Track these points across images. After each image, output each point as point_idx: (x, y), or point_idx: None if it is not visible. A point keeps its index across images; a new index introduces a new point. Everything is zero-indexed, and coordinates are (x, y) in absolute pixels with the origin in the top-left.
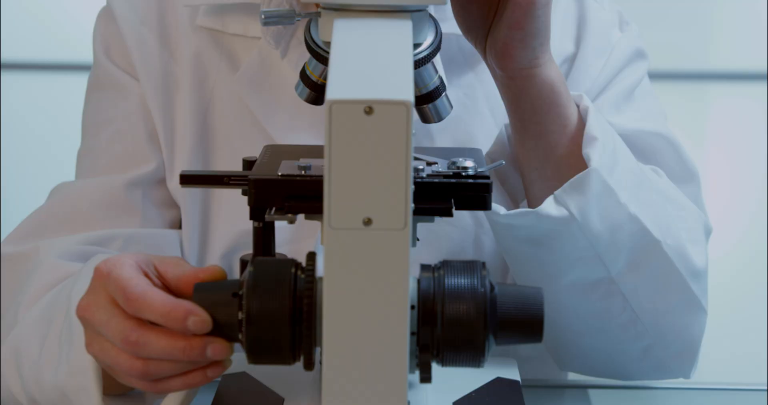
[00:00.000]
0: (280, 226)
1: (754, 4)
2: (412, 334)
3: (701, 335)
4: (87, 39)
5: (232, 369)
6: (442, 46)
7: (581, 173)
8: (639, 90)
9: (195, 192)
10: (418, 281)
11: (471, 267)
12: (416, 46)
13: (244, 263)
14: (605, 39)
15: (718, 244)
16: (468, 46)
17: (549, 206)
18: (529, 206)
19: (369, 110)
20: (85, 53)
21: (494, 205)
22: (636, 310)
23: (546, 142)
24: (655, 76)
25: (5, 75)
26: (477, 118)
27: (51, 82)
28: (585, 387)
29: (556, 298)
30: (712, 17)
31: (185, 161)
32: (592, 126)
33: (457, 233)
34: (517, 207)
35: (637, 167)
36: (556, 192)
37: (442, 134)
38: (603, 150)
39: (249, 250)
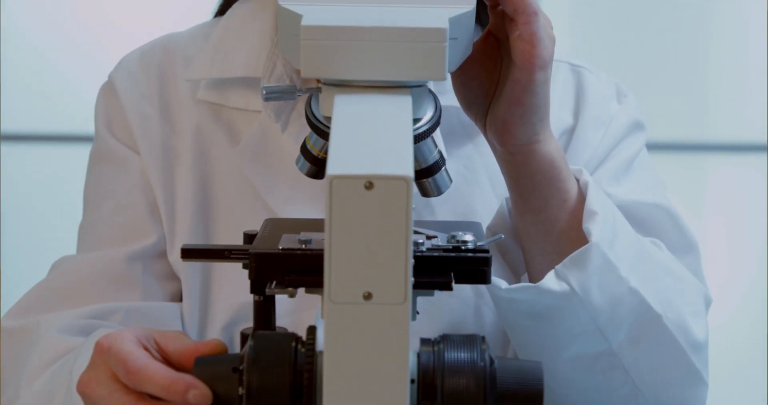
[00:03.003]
0: (281, 298)
1: (752, 75)
2: None
3: None
4: (87, 110)
5: None
6: (442, 118)
7: (582, 248)
8: (638, 161)
9: (195, 265)
10: (418, 355)
11: (471, 341)
12: (416, 120)
13: (244, 337)
14: (603, 111)
15: (717, 315)
16: (467, 118)
17: (550, 281)
18: (530, 279)
19: (369, 185)
20: (85, 125)
21: (496, 279)
22: (637, 383)
23: (546, 217)
24: (654, 146)
25: (5, 146)
26: (477, 189)
27: (51, 154)
28: None
29: (558, 371)
30: (710, 88)
31: (186, 234)
32: (592, 200)
33: (457, 304)
34: (518, 280)
35: (636, 240)
36: (557, 267)
37: (442, 206)
38: (603, 224)
39: (249, 323)
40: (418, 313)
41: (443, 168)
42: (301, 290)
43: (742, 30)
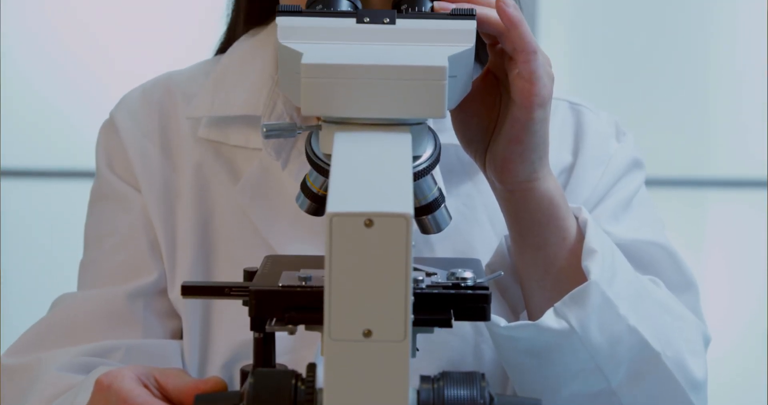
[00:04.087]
0: (281, 336)
1: (752, 110)
2: None
3: None
4: (86, 146)
5: None
6: (442, 155)
7: (581, 286)
8: (636, 199)
9: (196, 302)
10: (418, 392)
11: (470, 378)
12: (416, 158)
13: (244, 374)
14: (602, 149)
15: (716, 352)
16: (467, 156)
17: (549, 319)
18: (529, 317)
19: (369, 223)
20: (84, 160)
21: (494, 317)
22: None
23: (545, 254)
24: (653, 182)
25: (5, 182)
26: (476, 227)
27: (51, 190)
28: None
29: None
30: (710, 123)
31: (186, 271)
32: (591, 238)
33: (456, 342)
34: (517, 318)
35: (635, 278)
36: (556, 304)
37: (441, 243)
38: (602, 262)
39: (249, 360)
40: (417, 350)
41: (443, 205)
42: (301, 327)
43: (741, 65)
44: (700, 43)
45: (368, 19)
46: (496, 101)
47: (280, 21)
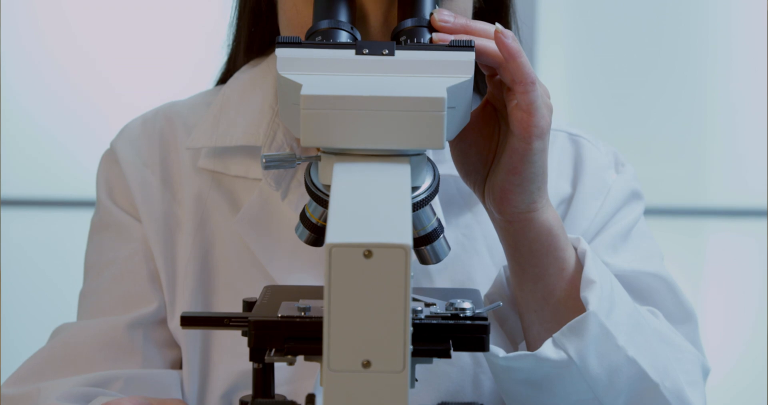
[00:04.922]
0: (280, 366)
1: (751, 139)
2: None
3: None
4: (86, 175)
5: None
6: (441, 186)
7: (580, 317)
8: (635, 230)
9: (195, 332)
10: None
11: None
12: (415, 189)
13: None
14: (601, 180)
15: (714, 382)
16: (466, 187)
17: (548, 349)
18: (528, 348)
19: (368, 254)
20: (85, 190)
21: (493, 348)
22: None
23: (544, 285)
24: (651, 212)
25: (5, 211)
26: (475, 257)
27: (51, 219)
28: None
29: None
30: (709, 153)
31: (186, 301)
32: (590, 269)
33: (455, 372)
34: (516, 348)
35: (634, 309)
36: (554, 335)
37: (440, 274)
38: (601, 293)
39: (248, 390)
40: (416, 380)
41: (442, 236)
42: (300, 358)
43: (739, 94)
44: (699, 73)
45: (367, 51)
46: (494, 132)
47: (280, 52)
